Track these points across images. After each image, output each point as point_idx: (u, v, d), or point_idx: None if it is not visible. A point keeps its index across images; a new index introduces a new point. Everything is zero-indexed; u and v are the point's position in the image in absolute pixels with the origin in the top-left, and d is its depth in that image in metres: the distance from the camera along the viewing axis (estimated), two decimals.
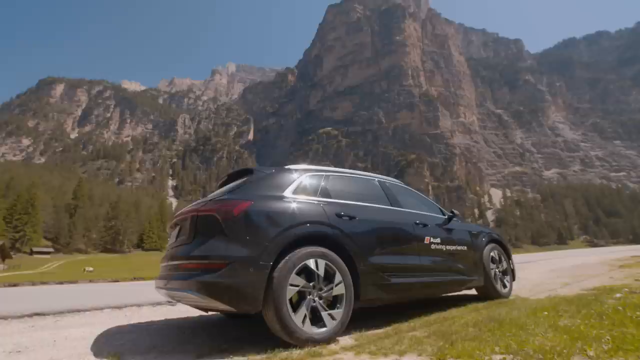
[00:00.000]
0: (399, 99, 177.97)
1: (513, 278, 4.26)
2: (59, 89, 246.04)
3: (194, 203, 2.72)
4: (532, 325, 2.26)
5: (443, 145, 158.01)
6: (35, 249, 61.68)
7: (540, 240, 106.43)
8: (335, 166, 3.67)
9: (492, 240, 4.09)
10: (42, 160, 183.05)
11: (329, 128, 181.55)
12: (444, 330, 2.38)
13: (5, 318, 3.98)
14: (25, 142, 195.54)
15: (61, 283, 13.04)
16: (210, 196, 2.73)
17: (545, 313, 2.66)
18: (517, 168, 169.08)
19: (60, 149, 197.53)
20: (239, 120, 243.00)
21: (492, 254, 3.94)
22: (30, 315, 4.15)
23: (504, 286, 4.01)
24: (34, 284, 12.80)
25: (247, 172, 2.81)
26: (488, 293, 3.83)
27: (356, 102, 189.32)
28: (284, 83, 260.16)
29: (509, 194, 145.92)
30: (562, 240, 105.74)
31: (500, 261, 4.09)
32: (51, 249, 65.15)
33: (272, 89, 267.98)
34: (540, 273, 7.66)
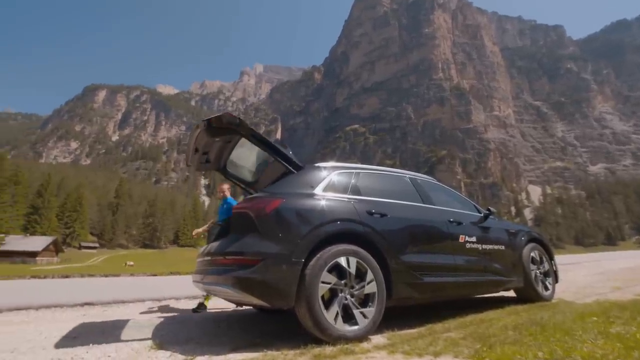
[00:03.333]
0: (429, 93, 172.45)
1: (556, 280, 4.02)
2: (101, 95, 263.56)
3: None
4: (579, 331, 2.10)
5: (476, 141, 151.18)
6: (83, 244, 66.86)
7: (586, 240, 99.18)
8: (362, 163, 3.63)
9: (532, 239, 3.89)
10: (88, 161, 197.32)
11: (356, 125, 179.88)
12: (481, 332, 2.29)
13: (61, 306, 4.36)
14: (73, 145, 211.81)
15: (106, 276, 14.04)
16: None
17: (594, 319, 2.47)
18: (559, 163, 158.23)
19: (103, 151, 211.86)
20: (267, 119, 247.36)
21: (532, 254, 3.75)
22: (82, 305, 4.51)
23: (546, 288, 3.80)
24: (82, 276, 13.88)
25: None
26: (528, 295, 3.64)
27: (384, 98, 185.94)
28: (311, 81, 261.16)
29: (549, 191, 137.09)
30: (610, 240, 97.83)
31: (541, 262, 3.88)
32: (97, 244, 70.29)
33: (299, 88, 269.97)
34: (586, 275, 7.16)
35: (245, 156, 3.20)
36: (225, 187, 4.48)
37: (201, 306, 3.97)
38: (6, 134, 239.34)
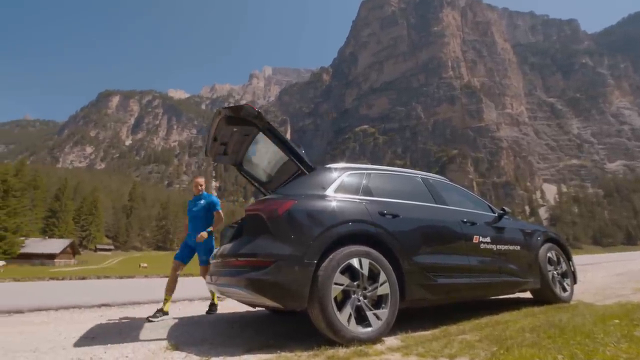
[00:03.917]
0: (439, 92, 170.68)
1: (574, 281, 3.91)
2: (115, 100, 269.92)
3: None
4: (600, 334, 2.03)
5: (488, 139, 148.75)
6: (98, 246, 68.52)
7: (604, 240, 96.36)
8: (372, 164, 3.61)
9: (549, 239, 3.79)
10: (102, 166, 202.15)
11: (366, 126, 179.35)
12: (497, 334, 2.25)
13: (79, 307, 4.46)
14: (88, 150, 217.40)
15: (121, 277, 14.34)
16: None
17: (616, 321, 2.39)
18: (574, 161, 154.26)
19: (117, 155, 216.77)
20: (276, 121, 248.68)
21: (549, 254, 3.66)
22: (99, 306, 4.61)
23: (564, 290, 3.70)
24: (99, 277, 14.20)
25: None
26: (545, 297, 3.55)
27: (393, 97, 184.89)
28: (319, 83, 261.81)
29: (565, 190, 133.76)
30: (630, 240, 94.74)
31: (558, 262, 3.78)
32: (112, 247, 71.90)
33: (308, 90, 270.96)
34: (605, 276, 6.96)
35: (261, 155, 3.24)
36: (202, 180, 4.22)
37: (213, 307, 4.01)
38: (25, 140, 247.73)
